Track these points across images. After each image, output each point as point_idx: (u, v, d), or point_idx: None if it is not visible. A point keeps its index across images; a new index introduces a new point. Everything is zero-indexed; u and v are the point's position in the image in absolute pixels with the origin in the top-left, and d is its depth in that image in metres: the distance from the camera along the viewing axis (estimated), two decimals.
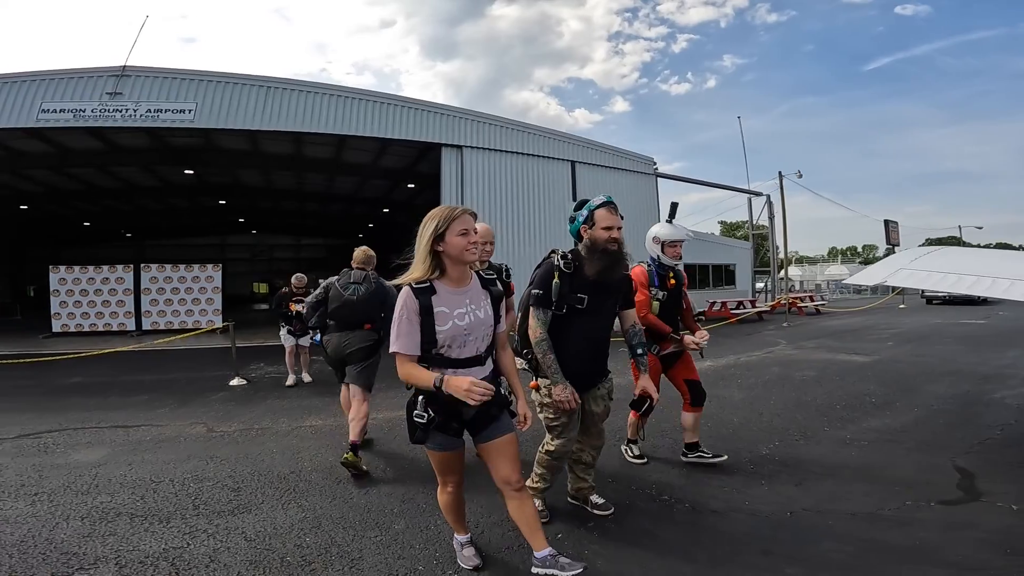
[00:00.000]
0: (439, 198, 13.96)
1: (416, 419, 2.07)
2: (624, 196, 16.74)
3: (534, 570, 2.17)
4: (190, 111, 12.28)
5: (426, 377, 1.97)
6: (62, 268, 14.89)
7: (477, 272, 2.21)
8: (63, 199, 19.69)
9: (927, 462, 3.56)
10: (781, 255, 24.63)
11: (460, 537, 2.45)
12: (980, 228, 50.94)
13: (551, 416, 2.69)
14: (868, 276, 4.59)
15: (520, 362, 2.73)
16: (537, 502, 2.78)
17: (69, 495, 3.26)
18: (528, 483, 2.69)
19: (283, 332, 7.21)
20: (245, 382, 7.08)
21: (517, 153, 14.93)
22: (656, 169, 18.19)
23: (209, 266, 15.73)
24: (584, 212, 2.70)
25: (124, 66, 12.12)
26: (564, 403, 2.55)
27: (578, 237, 2.75)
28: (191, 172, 17.33)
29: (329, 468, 3.71)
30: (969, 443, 3.97)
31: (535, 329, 2.62)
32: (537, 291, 2.64)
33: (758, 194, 23.27)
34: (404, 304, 2.03)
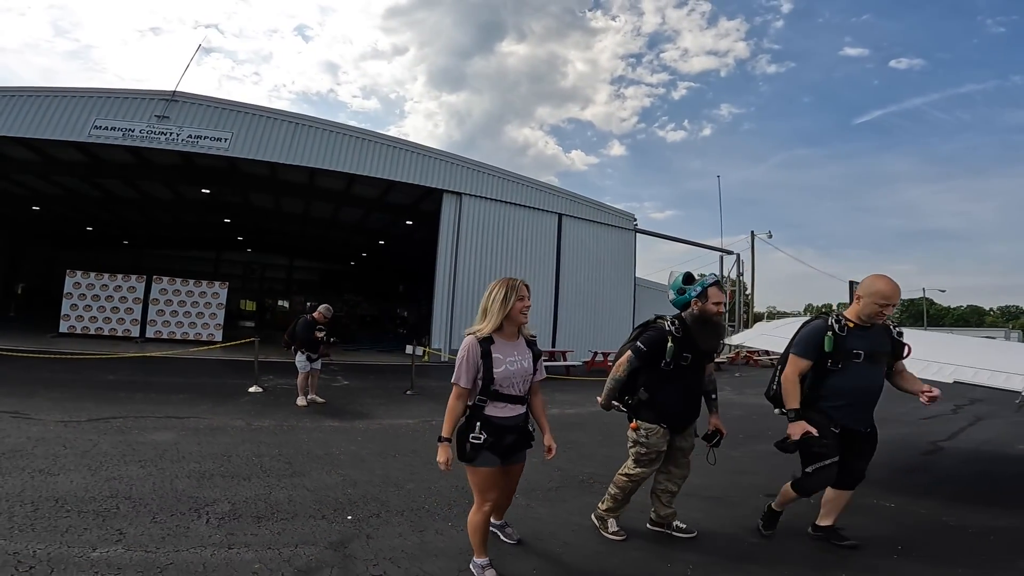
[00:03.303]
0: (436, 238, 15.44)
1: (473, 440, 2.59)
2: (605, 249, 18.53)
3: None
4: (226, 140, 13.59)
5: (448, 427, 2.60)
6: (78, 273, 15.80)
7: (521, 333, 2.78)
8: (80, 204, 20.74)
9: (779, 471, 4.95)
10: (758, 309, 26.50)
11: (479, 560, 2.75)
12: (943, 291, 54.18)
13: (643, 452, 3.26)
14: (739, 337, 6.07)
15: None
16: (611, 522, 3.35)
17: (166, 462, 4.46)
18: (598, 506, 3.44)
19: (302, 358, 7.46)
20: (262, 390, 8.24)
21: (510, 203, 16.53)
22: (636, 225, 19.97)
23: (216, 283, 16.79)
24: (698, 288, 3.24)
25: (174, 91, 13.39)
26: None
27: (684, 307, 3.31)
28: (207, 191, 18.62)
29: (354, 452, 5.03)
30: None
31: (623, 371, 3.26)
32: (642, 348, 3.21)
33: (729, 252, 25.25)
34: (469, 349, 2.61)
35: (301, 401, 7.42)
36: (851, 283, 40.95)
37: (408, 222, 19.65)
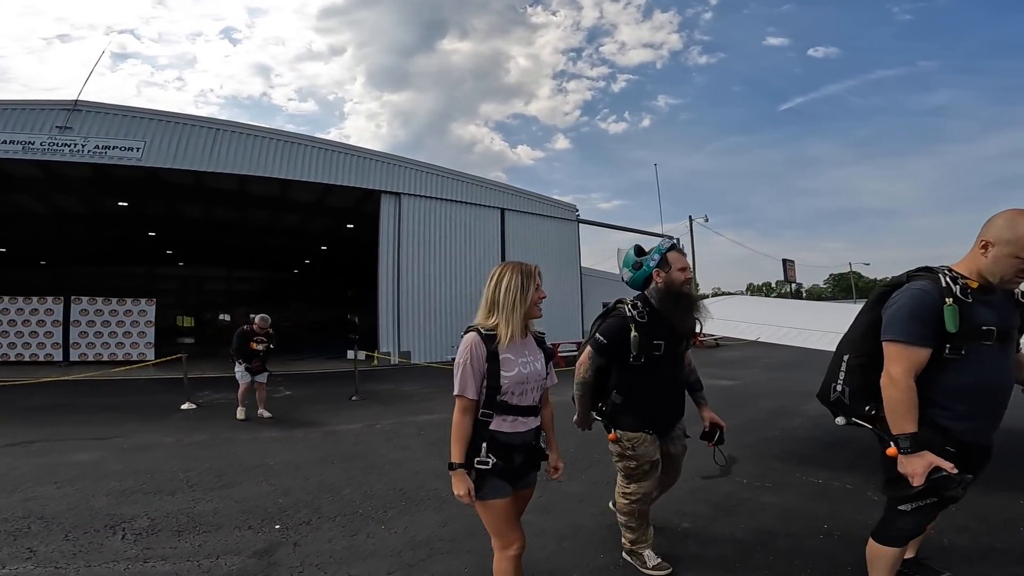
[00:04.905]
0: (377, 240, 15.23)
1: (479, 466, 2.02)
2: (549, 241, 18.77)
3: None
4: (138, 149, 12.86)
5: (458, 450, 2.02)
6: None
7: (529, 330, 2.22)
8: None
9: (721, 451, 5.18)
10: (703, 291, 27.60)
11: None
12: (868, 264, 58.02)
13: (633, 465, 2.72)
14: None
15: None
16: (647, 555, 2.76)
17: (86, 482, 4.26)
18: (623, 542, 2.86)
19: (240, 369, 7.25)
20: (195, 406, 7.89)
21: (451, 200, 16.51)
22: (578, 215, 20.35)
23: (143, 300, 15.98)
24: (656, 256, 2.69)
25: (76, 100, 12.57)
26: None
27: (645, 284, 2.77)
28: (125, 204, 17.56)
29: (289, 461, 4.92)
30: (752, 439, 5.67)
31: (586, 371, 2.71)
32: (603, 341, 2.66)
33: (670, 238, 26.07)
34: (470, 350, 2.03)
35: (240, 414, 7.16)
36: (784, 261, 43.47)
37: (349, 225, 19.27)
